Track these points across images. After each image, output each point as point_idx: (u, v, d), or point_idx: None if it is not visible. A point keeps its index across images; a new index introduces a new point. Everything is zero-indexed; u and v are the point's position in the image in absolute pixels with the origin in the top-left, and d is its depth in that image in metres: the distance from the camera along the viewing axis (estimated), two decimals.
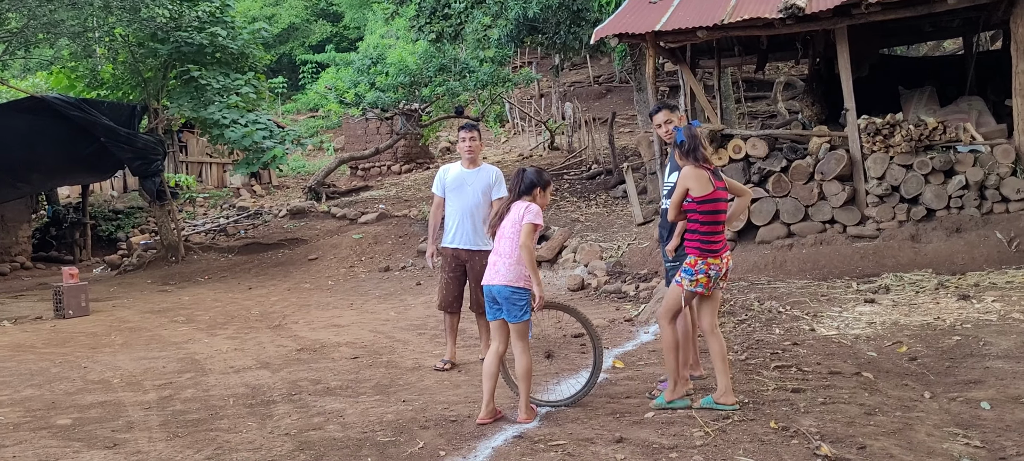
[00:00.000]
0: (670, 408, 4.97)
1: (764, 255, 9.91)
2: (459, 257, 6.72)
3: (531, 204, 5.12)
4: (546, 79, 29.03)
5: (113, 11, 14.43)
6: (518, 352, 5.07)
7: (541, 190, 5.20)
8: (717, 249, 4.99)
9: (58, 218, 19.92)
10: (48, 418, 5.85)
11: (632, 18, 10.92)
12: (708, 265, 4.96)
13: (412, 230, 15.20)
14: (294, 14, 40.24)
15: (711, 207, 4.96)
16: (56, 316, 11.33)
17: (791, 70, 21.79)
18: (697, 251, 4.99)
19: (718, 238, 5.01)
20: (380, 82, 20.66)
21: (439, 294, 6.92)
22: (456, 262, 6.74)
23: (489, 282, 5.16)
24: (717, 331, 5.08)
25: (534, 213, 5.08)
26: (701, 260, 4.97)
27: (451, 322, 6.86)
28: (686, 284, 4.97)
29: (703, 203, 4.95)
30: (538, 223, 5.07)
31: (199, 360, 7.73)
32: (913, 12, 9.58)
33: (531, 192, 5.17)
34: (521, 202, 5.15)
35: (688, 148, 5.02)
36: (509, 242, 5.11)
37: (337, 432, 5.04)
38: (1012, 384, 5.17)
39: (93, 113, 14.95)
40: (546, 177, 5.26)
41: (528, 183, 5.18)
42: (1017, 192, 9.33)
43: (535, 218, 5.06)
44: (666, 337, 5.08)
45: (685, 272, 5.00)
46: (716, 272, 4.99)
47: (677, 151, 5.13)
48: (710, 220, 4.97)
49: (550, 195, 5.31)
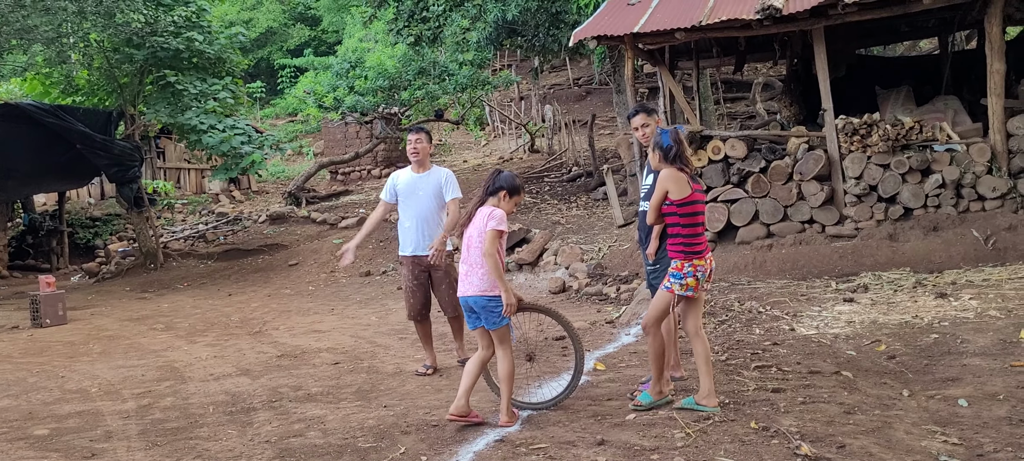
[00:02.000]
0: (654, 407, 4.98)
1: (744, 255, 9.96)
2: (421, 264, 6.60)
3: (494, 210, 5.05)
4: (526, 82, 29.05)
5: (87, 16, 14.29)
6: (500, 356, 5.06)
7: (507, 195, 5.10)
8: (701, 250, 5.01)
9: (34, 226, 19.69)
10: (25, 429, 5.78)
11: (610, 20, 10.95)
12: (694, 267, 4.97)
13: (393, 235, 15.12)
14: (272, 18, 40.06)
15: (690, 209, 4.97)
16: (33, 325, 11.20)
17: (769, 71, 21.93)
18: (681, 254, 4.99)
19: (700, 239, 5.03)
20: (359, 86, 20.60)
21: (406, 304, 6.82)
22: (419, 269, 6.64)
23: (464, 293, 5.12)
24: (701, 333, 5.09)
25: (498, 219, 5.01)
26: (687, 262, 4.97)
27: (423, 330, 6.78)
28: (677, 289, 4.98)
29: (683, 206, 4.96)
30: (502, 229, 5.00)
31: (178, 368, 7.67)
32: (889, 12, 9.66)
33: (496, 194, 5.10)
34: (485, 208, 5.09)
35: (674, 153, 5.01)
36: (478, 250, 5.04)
37: (318, 439, 5.01)
38: (989, 381, 5.22)
39: (68, 119, 14.81)
40: (517, 184, 5.17)
41: (496, 186, 5.11)
42: (993, 190, 9.43)
43: (498, 224, 4.99)
44: (654, 343, 5.06)
45: (673, 277, 5.00)
46: (702, 273, 5.01)
47: (657, 154, 5.11)
48: (690, 222, 4.98)
49: (516, 204, 5.20)
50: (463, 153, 26.81)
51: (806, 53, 12.60)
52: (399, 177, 6.79)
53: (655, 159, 5.12)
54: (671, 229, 5.04)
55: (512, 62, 30.92)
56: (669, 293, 5.00)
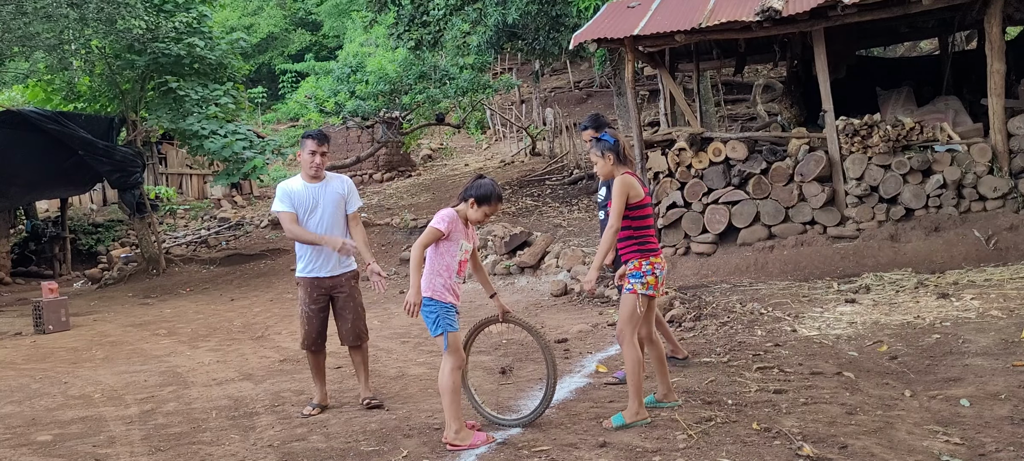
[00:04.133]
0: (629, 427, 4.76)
1: (746, 257, 9.96)
2: (323, 286, 5.82)
3: (445, 210, 4.84)
4: (526, 85, 29.08)
5: (89, 23, 14.33)
6: (441, 365, 4.79)
7: (474, 203, 4.82)
8: (655, 247, 5.04)
9: (37, 233, 19.75)
10: (28, 435, 5.79)
11: (610, 23, 10.96)
12: (652, 265, 4.98)
13: (395, 238, 15.18)
14: (273, 24, 40.12)
15: (641, 212, 5.02)
16: (36, 331, 11.23)
17: (770, 72, 21.93)
18: (637, 254, 5.00)
19: (652, 238, 5.06)
20: (360, 90, 20.64)
21: (302, 330, 5.91)
22: (319, 292, 5.81)
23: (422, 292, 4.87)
24: (656, 336, 5.18)
25: (439, 218, 4.78)
26: (644, 261, 4.98)
27: (317, 362, 5.91)
28: (639, 288, 4.96)
29: (635, 208, 4.99)
30: (438, 228, 4.73)
31: (181, 373, 7.68)
32: (889, 13, 9.66)
33: (466, 199, 4.85)
34: (446, 210, 4.86)
35: (623, 151, 5.07)
36: (431, 251, 4.85)
37: (321, 442, 5.01)
38: (991, 381, 5.22)
39: (70, 126, 14.86)
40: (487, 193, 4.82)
41: (466, 193, 4.86)
42: (994, 190, 9.43)
43: (437, 222, 4.75)
44: (630, 356, 4.88)
45: (633, 278, 4.98)
46: (661, 271, 5.03)
47: (610, 156, 5.09)
48: (642, 223, 5.03)
49: (486, 215, 4.86)
50: (464, 157, 26.85)
51: (806, 55, 12.60)
52: (292, 187, 5.86)
53: (608, 163, 5.11)
54: (623, 231, 5.04)
55: (513, 66, 30.96)
56: (632, 294, 4.97)
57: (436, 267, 4.82)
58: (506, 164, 23.80)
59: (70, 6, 13.61)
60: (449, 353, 4.76)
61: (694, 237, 10.39)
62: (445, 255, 4.83)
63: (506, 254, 11.91)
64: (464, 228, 4.90)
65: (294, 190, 5.83)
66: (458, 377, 4.79)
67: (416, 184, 22.55)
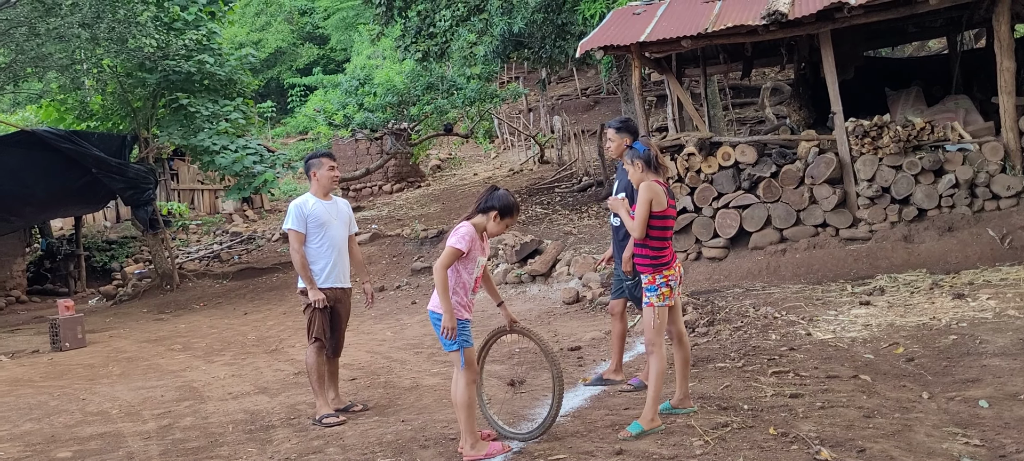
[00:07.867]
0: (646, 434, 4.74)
1: (758, 261, 9.94)
2: (333, 296, 6.16)
3: (462, 225, 4.77)
4: (534, 93, 29.11)
5: (100, 43, 14.45)
6: (453, 381, 4.80)
7: (498, 215, 4.76)
8: (668, 260, 5.02)
9: (52, 251, 19.88)
10: (48, 452, 5.83)
11: (616, 30, 10.98)
12: (666, 278, 4.99)
13: (406, 249, 15.19)
14: (281, 38, 40.34)
15: (662, 223, 4.99)
16: (53, 349, 11.30)
17: (777, 75, 21.90)
18: (650, 268, 4.99)
19: (668, 250, 5.03)
20: (368, 103, 20.72)
21: (323, 336, 6.11)
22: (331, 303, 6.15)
23: (431, 306, 4.93)
24: (685, 339, 5.20)
25: (458, 236, 4.70)
26: (657, 274, 4.98)
27: (331, 367, 6.22)
28: (656, 302, 4.97)
29: (657, 218, 4.97)
30: (459, 248, 4.66)
31: (197, 387, 7.71)
32: (896, 13, 9.65)
33: (486, 212, 4.78)
34: (464, 224, 4.79)
35: (655, 160, 5.05)
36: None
37: (337, 455, 5.03)
38: (1010, 381, 5.19)
39: (83, 145, 14.96)
40: (510, 204, 4.81)
41: (487, 204, 4.78)
42: (1007, 189, 9.38)
43: (458, 242, 4.67)
44: (656, 367, 4.90)
45: (648, 291, 5.00)
46: (674, 281, 5.04)
47: (639, 163, 5.08)
48: (660, 235, 4.99)
49: (506, 226, 4.83)
50: (473, 166, 26.87)
51: (814, 57, 12.59)
52: (308, 205, 6.18)
53: (637, 169, 5.10)
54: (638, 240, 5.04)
55: (519, 74, 31.00)
56: (650, 308, 4.99)
57: (453, 285, 4.80)
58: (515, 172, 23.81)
59: (82, 27, 13.72)
60: (465, 368, 4.76)
61: (705, 242, 10.38)
62: (463, 273, 4.82)
63: (517, 263, 11.91)
64: (480, 243, 4.90)
65: (310, 208, 6.20)
66: (473, 391, 4.80)
67: (426, 194, 22.59)
